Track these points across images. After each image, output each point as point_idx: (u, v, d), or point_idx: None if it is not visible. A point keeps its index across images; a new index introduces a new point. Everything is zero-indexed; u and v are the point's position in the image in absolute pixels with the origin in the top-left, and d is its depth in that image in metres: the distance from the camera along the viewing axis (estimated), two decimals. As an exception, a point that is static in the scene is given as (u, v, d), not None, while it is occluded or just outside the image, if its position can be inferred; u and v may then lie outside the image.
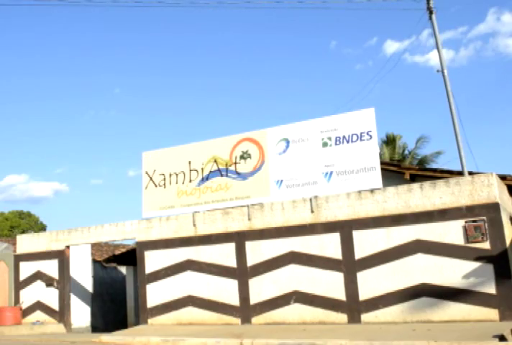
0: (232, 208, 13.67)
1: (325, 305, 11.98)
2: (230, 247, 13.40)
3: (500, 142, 55.70)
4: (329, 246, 12.15)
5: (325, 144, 12.98)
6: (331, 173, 12.71)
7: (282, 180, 13.28)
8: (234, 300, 13.12)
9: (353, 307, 11.67)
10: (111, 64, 69.57)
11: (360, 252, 11.79)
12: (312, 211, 12.55)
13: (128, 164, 79.68)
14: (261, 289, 12.82)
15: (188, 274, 13.92)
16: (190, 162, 14.70)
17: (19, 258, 17.23)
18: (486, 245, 10.59)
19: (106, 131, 72.14)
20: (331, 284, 11.97)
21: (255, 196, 13.53)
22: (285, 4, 17.56)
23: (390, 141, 26.78)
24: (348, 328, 10.86)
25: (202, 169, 14.46)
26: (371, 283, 11.57)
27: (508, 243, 10.55)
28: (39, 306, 16.46)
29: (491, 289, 10.43)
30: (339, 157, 12.69)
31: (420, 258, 11.17)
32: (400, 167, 15.22)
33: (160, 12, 79.03)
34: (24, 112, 69.50)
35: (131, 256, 16.93)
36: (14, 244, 18.89)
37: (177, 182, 14.77)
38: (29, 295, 16.76)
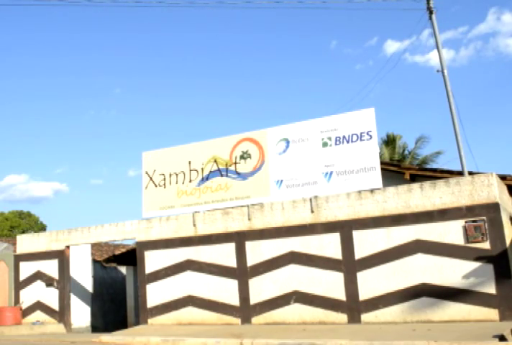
0: (232, 208, 13.67)
1: (325, 305, 11.98)
2: (230, 247, 13.40)
3: (500, 142, 55.74)
4: (329, 246, 12.15)
5: (325, 144, 12.98)
6: (331, 173, 12.71)
7: (282, 180, 13.28)
8: (234, 300, 13.12)
9: (353, 307, 11.67)
10: (112, 64, 69.61)
11: (360, 252, 11.79)
12: (312, 211, 12.55)
13: (128, 164, 79.72)
14: (261, 289, 12.82)
15: (188, 274, 13.92)
16: (190, 162, 14.70)
17: (19, 258, 17.23)
18: (486, 245, 10.59)
19: (106, 131, 72.22)
20: (331, 284, 11.97)
21: (255, 196, 13.53)
22: (285, 4, 17.56)
23: (390, 141, 26.77)
24: (348, 328, 10.86)
25: (202, 169, 14.47)
26: (371, 283, 11.57)
27: (508, 243, 10.55)
28: (39, 306, 16.46)
29: (491, 289, 10.43)
30: (339, 157, 12.69)
31: (420, 258, 11.17)
32: (400, 167, 15.22)
33: (160, 12, 79.08)
34: (24, 112, 69.56)
35: (131, 256, 16.94)
36: (14, 244, 18.90)
37: (177, 182, 14.77)
38: (29, 295, 16.76)
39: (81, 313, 18.03)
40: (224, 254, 13.46)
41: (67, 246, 16.34)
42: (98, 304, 19.72)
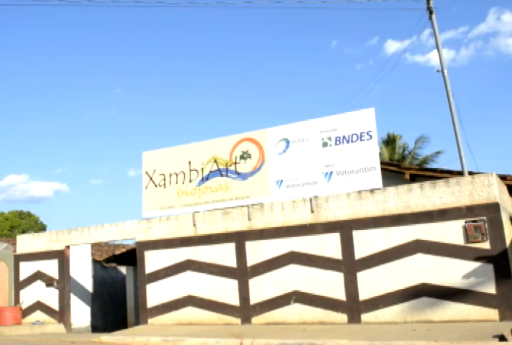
0: (232, 208, 13.67)
1: (325, 305, 11.98)
2: (230, 247, 13.40)
3: (500, 142, 55.75)
4: (329, 246, 12.15)
5: (325, 144, 12.98)
6: (331, 173, 12.71)
7: (282, 180, 13.28)
8: (234, 300, 13.12)
9: (353, 307, 11.67)
10: (111, 64, 69.63)
11: (360, 252, 11.79)
12: (312, 211, 12.55)
13: (128, 164, 79.72)
14: (261, 289, 12.82)
15: (188, 274, 13.92)
16: (190, 162, 14.70)
17: (19, 258, 17.23)
18: (486, 245, 10.59)
19: (106, 131, 72.25)
20: (331, 284, 11.97)
21: (255, 196, 13.53)
22: (285, 4, 17.55)
23: (390, 141, 26.78)
24: (348, 328, 10.86)
25: (202, 169, 14.46)
26: (371, 283, 11.57)
27: (508, 243, 10.55)
28: (39, 306, 16.46)
29: (491, 289, 10.43)
30: (339, 157, 12.69)
31: (420, 258, 11.17)
32: (400, 167, 15.22)
33: (160, 12, 79.08)
34: (24, 112, 69.57)
35: (131, 256, 16.94)
36: (14, 244, 18.89)
37: (177, 182, 14.77)
38: (29, 295, 16.76)
39: (81, 313, 18.03)
40: (224, 254, 13.46)
41: (67, 246, 16.34)
42: (98, 304, 19.71)
